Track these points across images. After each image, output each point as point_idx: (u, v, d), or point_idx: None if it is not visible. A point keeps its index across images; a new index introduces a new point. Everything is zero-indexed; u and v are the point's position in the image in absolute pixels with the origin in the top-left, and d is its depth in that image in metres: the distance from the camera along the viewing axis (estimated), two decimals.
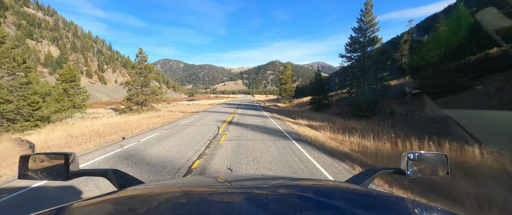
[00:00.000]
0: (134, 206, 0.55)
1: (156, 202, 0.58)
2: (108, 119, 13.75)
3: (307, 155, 5.90)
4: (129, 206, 0.55)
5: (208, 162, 5.14)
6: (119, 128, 10.23)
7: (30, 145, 7.01)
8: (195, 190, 0.73)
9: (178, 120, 14.40)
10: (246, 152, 5.98)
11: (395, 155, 5.81)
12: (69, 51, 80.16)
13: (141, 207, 0.54)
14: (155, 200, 0.60)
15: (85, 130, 9.25)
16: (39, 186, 3.67)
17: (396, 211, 0.58)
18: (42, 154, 0.88)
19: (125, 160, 5.27)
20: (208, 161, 5.17)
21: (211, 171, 4.53)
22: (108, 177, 0.91)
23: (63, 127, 11.38)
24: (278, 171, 4.54)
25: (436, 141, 6.58)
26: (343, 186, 0.80)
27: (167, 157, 5.48)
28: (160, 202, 0.58)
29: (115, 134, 8.95)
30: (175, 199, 0.62)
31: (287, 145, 7.16)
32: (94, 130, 9.41)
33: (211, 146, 6.78)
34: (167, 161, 5.19)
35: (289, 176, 0.96)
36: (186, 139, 7.86)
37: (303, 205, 0.56)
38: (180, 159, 5.36)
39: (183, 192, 0.70)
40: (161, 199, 0.61)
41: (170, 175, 4.30)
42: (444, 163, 0.94)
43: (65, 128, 10.58)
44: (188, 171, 4.50)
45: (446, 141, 6.25)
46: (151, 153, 5.87)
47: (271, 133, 9.44)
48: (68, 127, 10.91)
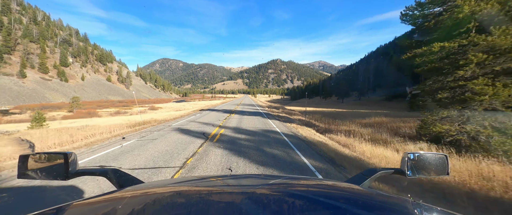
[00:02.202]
0: (134, 206, 0.55)
1: (155, 202, 0.59)
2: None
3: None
4: (129, 206, 0.55)
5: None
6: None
7: (30, 144, 7.29)
8: (194, 190, 0.73)
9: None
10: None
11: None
12: (20, 39, 64.66)
13: (140, 207, 0.54)
14: (155, 200, 0.60)
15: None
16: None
17: (396, 211, 0.58)
18: (41, 154, 0.87)
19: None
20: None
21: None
22: (107, 177, 0.90)
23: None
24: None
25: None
26: (343, 186, 0.80)
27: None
28: (160, 202, 0.59)
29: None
30: (175, 199, 0.62)
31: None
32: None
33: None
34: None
35: (289, 175, 0.95)
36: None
37: (303, 205, 0.57)
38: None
39: (183, 192, 0.70)
40: (160, 199, 0.61)
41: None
42: (444, 164, 0.95)
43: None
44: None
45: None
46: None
47: None
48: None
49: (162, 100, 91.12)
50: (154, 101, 77.42)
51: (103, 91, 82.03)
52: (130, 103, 68.84)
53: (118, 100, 76.55)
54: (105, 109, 45.50)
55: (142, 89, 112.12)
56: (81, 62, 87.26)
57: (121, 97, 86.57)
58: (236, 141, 7.73)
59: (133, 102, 70.16)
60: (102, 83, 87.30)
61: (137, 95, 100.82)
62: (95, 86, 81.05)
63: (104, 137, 8.50)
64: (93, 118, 27.52)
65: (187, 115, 19.46)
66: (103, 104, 60.48)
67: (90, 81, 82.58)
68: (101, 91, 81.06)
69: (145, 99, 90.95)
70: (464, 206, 3.23)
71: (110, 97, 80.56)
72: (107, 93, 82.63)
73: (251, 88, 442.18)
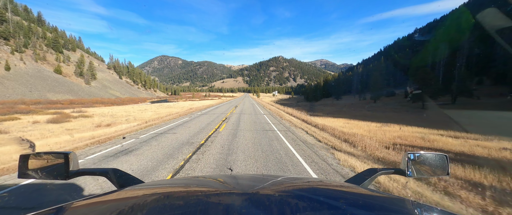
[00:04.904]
0: (134, 206, 0.55)
1: (155, 202, 0.59)
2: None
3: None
4: (129, 206, 0.55)
5: None
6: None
7: (30, 144, 7.21)
8: (194, 190, 0.73)
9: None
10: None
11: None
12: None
13: (140, 207, 0.54)
14: (155, 200, 0.60)
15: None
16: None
17: (396, 212, 0.58)
18: (42, 153, 0.88)
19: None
20: None
21: None
22: (108, 177, 0.90)
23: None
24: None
25: None
26: (343, 186, 0.80)
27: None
28: (160, 201, 0.59)
29: None
30: (175, 199, 0.62)
31: None
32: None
33: None
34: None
35: (289, 176, 0.98)
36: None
37: (303, 206, 0.56)
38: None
39: (183, 192, 0.70)
40: (160, 199, 0.61)
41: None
42: (444, 163, 0.94)
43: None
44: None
45: None
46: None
47: None
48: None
49: (131, 100, 66.47)
50: (114, 102, 52.99)
51: (41, 86, 57.57)
52: (80, 103, 47.91)
53: (64, 99, 52.64)
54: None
55: (111, 85, 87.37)
56: (15, 45, 62.38)
57: (73, 94, 62.14)
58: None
59: (83, 103, 47.90)
60: (44, 75, 62.60)
61: (103, 92, 76.10)
62: (28, 79, 56.48)
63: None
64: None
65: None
66: (20, 107, 36.31)
67: (22, 71, 57.91)
68: (37, 86, 56.58)
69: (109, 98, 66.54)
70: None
71: (51, 94, 56.15)
72: (48, 89, 58.17)
73: (251, 86, 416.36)
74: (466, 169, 4.48)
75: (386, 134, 11.11)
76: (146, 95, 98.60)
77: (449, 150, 7.61)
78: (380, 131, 12.12)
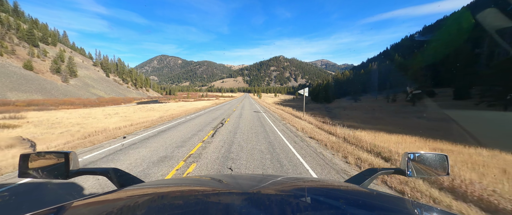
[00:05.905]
0: (134, 206, 0.55)
1: (156, 201, 0.59)
2: None
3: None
4: (129, 206, 0.55)
5: None
6: None
7: (31, 144, 7.07)
8: (195, 190, 0.73)
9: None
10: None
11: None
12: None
13: (140, 207, 0.54)
14: (155, 199, 0.60)
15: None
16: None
17: (396, 211, 0.58)
18: (42, 153, 0.88)
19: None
20: None
21: None
22: (108, 176, 0.90)
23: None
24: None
25: None
26: (343, 186, 0.80)
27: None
28: (160, 201, 0.59)
29: None
30: (175, 199, 0.62)
31: None
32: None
33: None
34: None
35: (289, 176, 0.97)
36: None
37: (303, 205, 0.56)
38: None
39: (183, 192, 0.70)
40: (160, 199, 0.61)
41: None
42: (444, 163, 0.94)
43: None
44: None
45: None
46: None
47: None
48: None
49: (113, 101, 57.42)
50: (89, 103, 43.91)
51: (2, 83, 48.41)
52: (43, 104, 38.85)
53: (30, 99, 43.83)
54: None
55: (95, 84, 78.20)
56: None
57: (44, 94, 53.12)
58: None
59: (46, 104, 39.40)
60: (8, 71, 53.54)
61: (83, 92, 66.92)
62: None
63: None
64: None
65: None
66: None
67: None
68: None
69: (89, 98, 57.62)
70: None
71: (14, 93, 47.13)
72: (10, 87, 49.17)
73: (251, 86, 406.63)
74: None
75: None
76: (136, 95, 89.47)
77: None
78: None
